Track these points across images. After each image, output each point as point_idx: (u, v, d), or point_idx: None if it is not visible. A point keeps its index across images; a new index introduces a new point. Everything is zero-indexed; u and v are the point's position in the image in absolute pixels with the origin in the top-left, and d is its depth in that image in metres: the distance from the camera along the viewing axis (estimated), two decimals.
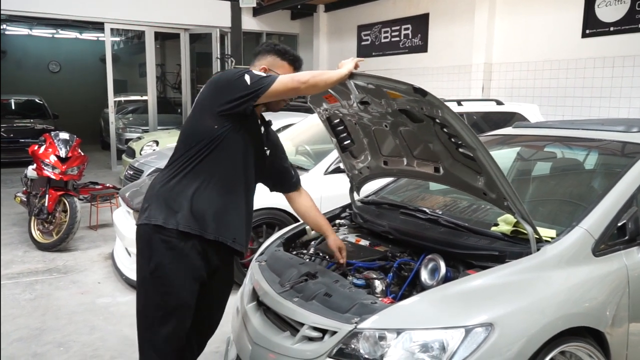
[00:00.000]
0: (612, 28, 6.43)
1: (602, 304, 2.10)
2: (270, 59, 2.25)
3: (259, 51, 2.29)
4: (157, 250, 2.07)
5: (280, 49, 2.27)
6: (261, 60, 2.26)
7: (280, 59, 2.25)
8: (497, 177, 2.07)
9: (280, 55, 2.25)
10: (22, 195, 6.00)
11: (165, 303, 2.10)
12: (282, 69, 2.23)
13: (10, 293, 4.17)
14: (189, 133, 2.15)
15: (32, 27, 15.83)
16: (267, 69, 2.21)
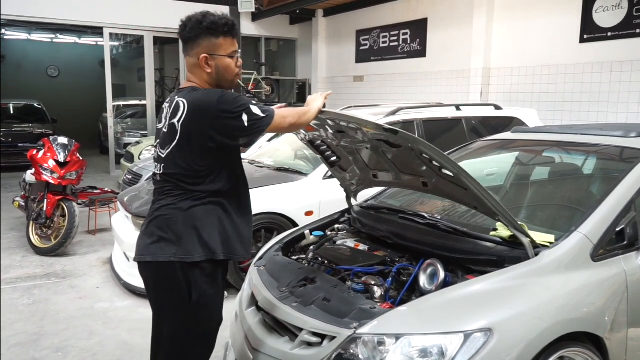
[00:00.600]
0: (610, 33, 6.46)
1: (600, 309, 2.10)
2: (206, 43, 2.04)
3: (188, 38, 2.06)
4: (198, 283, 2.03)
5: (208, 26, 2.03)
6: (196, 49, 2.05)
7: (215, 38, 2.04)
8: (483, 196, 2.08)
9: (213, 33, 2.04)
10: (20, 200, 5.99)
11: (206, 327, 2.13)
12: (224, 47, 2.06)
13: (9, 298, 4.16)
14: (189, 167, 2.01)
15: (31, 31, 15.84)
16: (208, 56, 2.04)
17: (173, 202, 2.03)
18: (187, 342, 2.09)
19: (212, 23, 2.03)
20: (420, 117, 4.98)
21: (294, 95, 12.63)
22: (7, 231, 6.12)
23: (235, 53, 2.10)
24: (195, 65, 2.08)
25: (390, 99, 9.47)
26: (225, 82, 2.11)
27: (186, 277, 2.01)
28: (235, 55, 2.10)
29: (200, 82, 2.10)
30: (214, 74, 2.08)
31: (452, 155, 3.46)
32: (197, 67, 2.08)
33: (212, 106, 1.94)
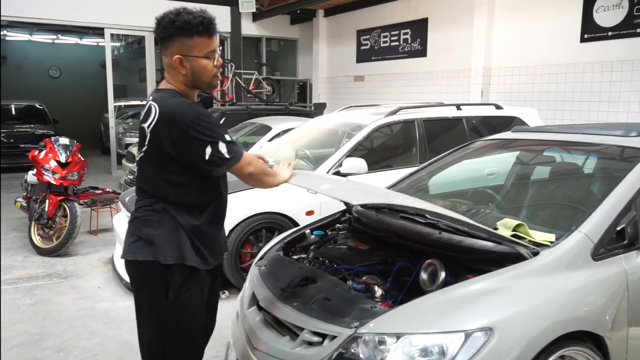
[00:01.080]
0: (611, 33, 6.46)
1: (601, 308, 2.10)
2: (179, 44, 1.92)
3: (162, 37, 1.94)
4: (174, 284, 2.00)
5: (181, 25, 1.89)
6: (170, 49, 1.94)
7: (188, 38, 1.91)
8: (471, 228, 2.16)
9: (186, 33, 1.90)
10: (22, 201, 6.00)
11: (186, 327, 2.07)
12: (199, 48, 1.94)
13: (11, 298, 4.17)
14: (157, 175, 1.99)
15: (32, 32, 15.86)
16: (181, 57, 1.93)
17: (149, 204, 2.02)
18: (169, 343, 2.07)
19: (185, 22, 1.90)
20: (421, 117, 4.99)
21: (295, 95, 12.63)
22: (8, 232, 6.13)
23: (212, 53, 1.98)
24: (171, 66, 1.98)
25: (390, 99, 9.47)
26: (202, 84, 2.02)
27: (164, 277, 1.99)
28: (212, 55, 1.98)
29: (176, 83, 2.01)
30: (189, 75, 1.97)
31: (453, 155, 3.47)
32: (172, 67, 1.98)
33: (184, 119, 1.87)
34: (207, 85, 2.03)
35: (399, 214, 2.77)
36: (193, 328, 2.10)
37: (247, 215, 4.01)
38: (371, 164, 4.46)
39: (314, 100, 11.76)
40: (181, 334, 2.07)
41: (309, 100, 12.19)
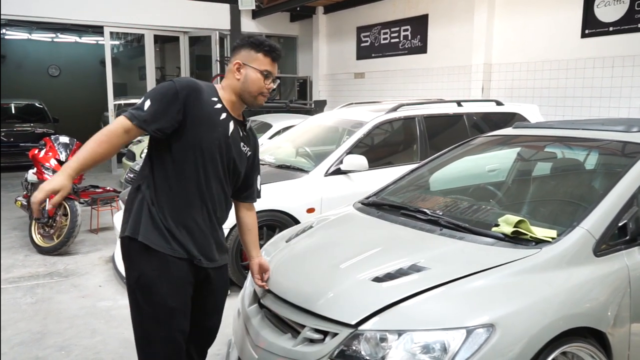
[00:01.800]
0: (612, 28, 6.43)
1: (603, 304, 2.09)
2: (244, 53, 2.15)
3: (235, 47, 2.20)
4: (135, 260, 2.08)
5: (255, 41, 2.15)
6: (236, 56, 2.17)
7: (254, 52, 2.14)
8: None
9: (254, 47, 2.14)
10: (22, 200, 6.00)
11: (151, 311, 2.07)
12: (257, 61, 2.13)
13: (12, 297, 4.17)
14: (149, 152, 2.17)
15: (31, 31, 15.84)
16: (240, 63, 2.13)
17: (135, 183, 2.16)
18: (142, 323, 2.10)
19: (257, 40, 2.15)
20: (422, 113, 4.98)
21: (295, 92, 12.62)
22: (9, 230, 6.14)
23: (268, 73, 2.14)
24: (230, 71, 2.17)
25: (391, 96, 9.46)
26: (248, 94, 2.15)
27: (130, 254, 2.09)
28: (267, 74, 2.14)
29: (227, 85, 2.17)
30: (241, 82, 2.13)
31: (453, 152, 3.46)
32: (231, 72, 2.16)
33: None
34: (252, 98, 2.16)
35: (400, 211, 2.77)
36: (159, 314, 2.06)
37: None
38: (372, 161, 4.46)
39: (314, 98, 11.75)
40: (152, 318, 2.08)
41: (309, 97, 12.17)
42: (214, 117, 2.09)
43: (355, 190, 4.00)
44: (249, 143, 2.28)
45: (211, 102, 2.10)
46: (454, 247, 2.30)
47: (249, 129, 2.31)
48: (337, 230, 2.89)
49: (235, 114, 2.19)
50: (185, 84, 2.04)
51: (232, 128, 2.15)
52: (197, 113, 2.04)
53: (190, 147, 2.06)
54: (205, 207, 2.14)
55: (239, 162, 2.22)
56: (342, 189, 4.34)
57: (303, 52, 12.62)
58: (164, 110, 1.99)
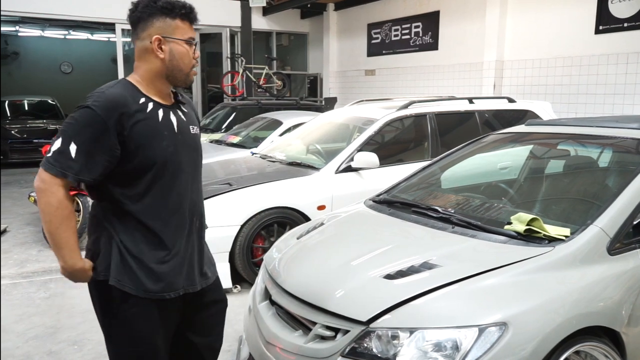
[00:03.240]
0: (626, 24, 6.36)
1: (617, 303, 2.07)
2: (160, 24, 1.75)
3: (139, 18, 1.76)
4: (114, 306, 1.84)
5: (164, 5, 1.74)
6: (149, 30, 1.75)
7: (171, 19, 1.76)
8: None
9: (169, 14, 1.75)
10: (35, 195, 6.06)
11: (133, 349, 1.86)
12: (179, 30, 1.77)
13: (26, 291, 4.22)
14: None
15: (44, 28, 15.99)
16: (160, 38, 1.75)
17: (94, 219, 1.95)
18: None
19: (168, 3, 1.76)
20: (433, 111, 4.95)
21: (306, 89, 12.61)
22: (23, 226, 6.21)
23: (192, 40, 1.81)
24: (146, 51, 1.77)
25: (402, 93, 9.43)
26: (179, 73, 1.80)
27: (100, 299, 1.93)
28: (192, 42, 1.81)
29: (147, 71, 1.79)
30: (167, 60, 1.77)
31: (465, 149, 3.44)
32: (147, 52, 1.77)
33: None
34: (184, 76, 1.82)
35: (411, 208, 2.76)
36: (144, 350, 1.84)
37: (258, 210, 4.01)
38: (383, 159, 4.44)
39: (324, 95, 11.74)
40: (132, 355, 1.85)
41: (320, 94, 12.17)
42: (155, 124, 1.75)
43: (366, 188, 4.00)
44: (193, 121, 1.94)
45: (141, 107, 1.73)
46: (466, 245, 2.29)
47: (185, 101, 1.96)
48: (348, 228, 2.89)
49: (168, 101, 1.85)
50: (108, 108, 1.65)
51: (175, 120, 1.83)
52: (135, 134, 1.70)
53: (143, 171, 1.74)
54: (189, 227, 1.87)
55: (197, 149, 1.94)
56: (352, 186, 4.34)
57: (313, 49, 12.61)
58: (96, 151, 1.65)
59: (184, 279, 1.87)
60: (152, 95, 1.79)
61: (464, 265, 2.10)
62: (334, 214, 3.12)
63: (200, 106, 11.85)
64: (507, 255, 2.12)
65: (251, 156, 5.34)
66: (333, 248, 2.63)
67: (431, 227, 2.50)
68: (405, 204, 2.87)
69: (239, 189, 4.10)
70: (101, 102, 1.66)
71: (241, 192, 4.08)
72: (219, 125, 8.14)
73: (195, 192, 1.92)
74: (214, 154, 6.10)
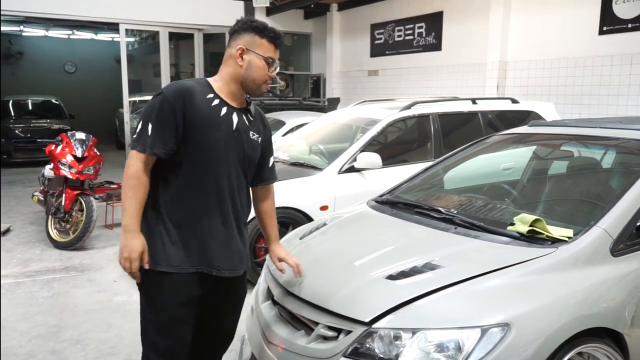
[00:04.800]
0: (631, 25, 6.33)
1: (620, 304, 2.07)
2: (248, 38, 2.05)
3: (235, 30, 2.08)
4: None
5: (258, 26, 2.06)
6: (237, 41, 2.06)
7: (259, 37, 2.05)
8: None
9: (258, 32, 2.05)
10: (39, 195, 6.08)
11: (155, 317, 2.06)
12: (262, 48, 2.05)
13: (29, 291, 4.23)
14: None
15: (48, 28, 16.02)
16: (244, 49, 2.04)
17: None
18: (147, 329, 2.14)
19: (261, 24, 2.07)
20: (436, 111, 4.95)
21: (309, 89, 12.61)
22: (26, 225, 6.23)
23: (271, 60, 2.07)
24: (231, 57, 2.07)
25: (405, 93, 9.42)
26: (252, 83, 2.06)
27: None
28: (271, 62, 2.07)
29: (227, 74, 2.07)
30: (244, 68, 2.04)
31: (468, 150, 3.44)
32: (231, 58, 2.06)
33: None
34: (255, 86, 2.07)
35: (414, 209, 2.76)
36: (164, 320, 2.04)
37: None
38: (386, 159, 4.44)
39: (327, 95, 11.74)
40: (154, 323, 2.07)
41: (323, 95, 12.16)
42: (214, 116, 2.01)
43: (369, 188, 3.99)
44: (257, 129, 2.18)
45: (207, 100, 2.01)
46: (468, 245, 2.29)
47: (256, 112, 2.23)
48: (350, 228, 2.89)
49: (237, 103, 2.11)
50: (176, 92, 1.97)
51: (236, 120, 2.07)
52: (196, 117, 1.97)
53: (195, 153, 2.00)
54: (224, 214, 2.07)
55: (252, 152, 2.15)
56: (355, 186, 4.34)
57: (317, 49, 12.61)
58: (166, 128, 1.95)
59: (205, 259, 2.04)
60: (223, 95, 2.07)
61: (467, 266, 2.10)
62: (336, 215, 3.12)
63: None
64: (510, 256, 2.12)
65: None
66: (335, 248, 2.63)
67: (434, 228, 2.50)
68: (408, 205, 2.87)
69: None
70: (171, 88, 2.00)
71: None
72: None
73: (237, 187, 2.11)
74: None
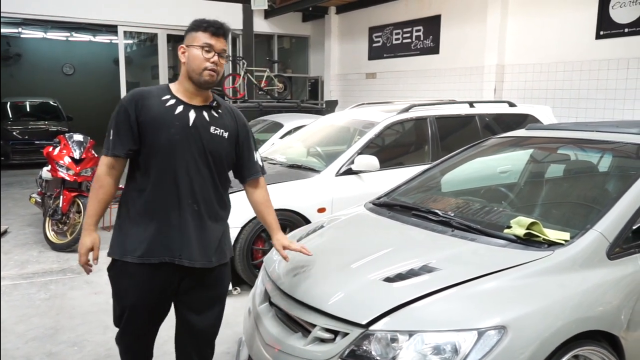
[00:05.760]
0: (627, 29, 6.37)
1: (616, 307, 2.07)
2: (187, 37, 2.19)
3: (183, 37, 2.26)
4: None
5: (193, 25, 2.19)
6: (183, 42, 2.22)
7: (194, 32, 2.17)
8: None
9: (194, 29, 2.18)
10: (37, 197, 6.07)
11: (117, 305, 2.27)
12: (196, 39, 2.14)
13: (26, 293, 4.22)
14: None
15: (46, 30, 16.02)
16: (184, 47, 2.17)
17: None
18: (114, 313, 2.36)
19: (196, 21, 2.19)
20: (433, 114, 4.96)
21: (307, 92, 12.63)
22: (24, 227, 6.21)
23: (208, 46, 2.12)
24: (179, 59, 2.22)
25: (402, 96, 9.44)
26: (193, 73, 2.13)
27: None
28: (207, 48, 2.12)
29: (180, 75, 2.22)
30: (187, 64, 2.16)
31: (465, 153, 3.45)
32: (179, 60, 2.22)
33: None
34: (196, 75, 2.13)
35: (411, 212, 2.77)
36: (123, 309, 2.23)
37: None
38: (383, 162, 4.45)
39: (325, 98, 11.76)
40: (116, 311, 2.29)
41: (321, 97, 12.18)
42: (167, 116, 2.11)
43: (367, 191, 4.00)
44: (223, 124, 2.23)
45: (162, 102, 2.14)
46: (465, 248, 2.29)
47: (225, 108, 2.28)
48: (348, 230, 2.89)
49: (196, 101, 2.19)
50: (130, 98, 2.14)
51: (193, 117, 2.15)
52: (148, 118, 2.10)
53: (152, 151, 2.12)
54: (185, 207, 2.15)
55: (215, 147, 2.19)
56: (353, 189, 4.35)
57: (315, 52, 12.64)
58: (123, 130, 2.11)
59: (165, 250, 2.14)
60: (180, 94, 2.18)
61: (464, 269, 2.10)
62: (334, 217, 3.12)
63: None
64: (507, 259, 2.13)
65: None
66: (333, 251, 2.63)
67: (431, 231, 2.51)
68: (405, 207, 2.88)
69: (239, 190, 4.09)
70: (127, 95, 2.17)
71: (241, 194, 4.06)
72: None
73: (198, 181, 2.18)
74: None
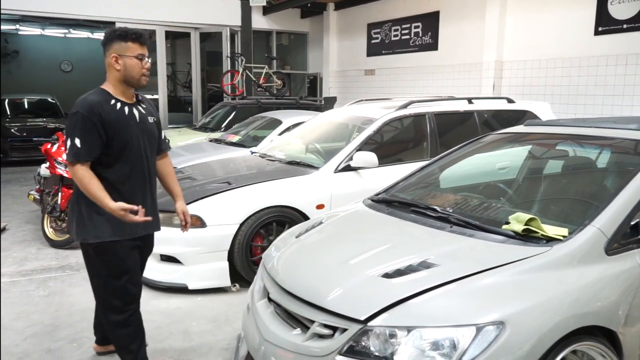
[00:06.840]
0: (626, 25, 6.37)
1: (614, 303, 2.08)
2: (116, 46, 2.45)
3: (104, 43, 2.48)
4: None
5: (121, 33, 2.44)
6: (110, 50, 2.46)
7: (124, 42, 2.44)
8: None
9: (123, 39, 2.44)
10: (35, 194, 6.06)
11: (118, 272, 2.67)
12: (130, 50, 2.45)
13: (25, 289, 4.22)
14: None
15: (44, 27, 15.98)
16: (116, 55, 2.44)
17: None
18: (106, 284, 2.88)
19: (123, 31, 2.46)
20: (432, 111, 4.96)
21: (305, 89, 12.62)
22: (22, 224, 6.21)
23: (142, 56, 2.48)
24: (110, 65, 2.48)
25: (401, 93, 9.44)
26: (132, 79, 2.48)
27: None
28: (142, 57, 2.48)
29: (110, 79, 2.50)
30: (122, 71, 2.46)
31: (464, 149, 3.45)
32: (110, 66, 2.47)
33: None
34: (136, 81, 2.51)
35: (410, 208, 2.77)
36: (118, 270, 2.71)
37: (258, 209, 4.02)
38: (382, 158, 4.45)
39: (324, 94, 11.75)
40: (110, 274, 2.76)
41: (320, 94, 12.17)
42: (122, 117, 2.46)
43: (365, 187, 4.00)
44: (150, 113, 2.66)
45: (112, 106, 2.45)
46: (464, 244, 2.30)
47: (145, 100, 2.68)
48: (346, 227, 2.89)
49: (130, 99, 2.56)
50: (90, 108, 2.38)
51: (137, 114, 2.55)
52: (111, 123, 2.42)
53: (121, 149, 2.46)
54: (149, 189, 2.62)
55: (153, 133, 2.64)
56: (351, 185, 4.35)
57: (313, 48, 12.62)
58: (92, 137, 2.38)
59: (145, 225, 2.57)
60: (119, 96, 2.51)
61: (462, 265, 2.11)
62: (332, 213, 3.12)
63: (200, 105, 11.86)
64: (505, 254, 2.13)
65: (250, 155, 5.34)
66: (331, 247, 2.63)
67: (429, 227, 2.51)
68: (403, 204, 2.88)
69: (238, 187, 4.11)
70: (85, 107, 2.40)
71: (240, 190, 4.09)
72: (218, 124, 8.14)
73: (152, 165, 2.66)
74: (214, 152, 6.11)
